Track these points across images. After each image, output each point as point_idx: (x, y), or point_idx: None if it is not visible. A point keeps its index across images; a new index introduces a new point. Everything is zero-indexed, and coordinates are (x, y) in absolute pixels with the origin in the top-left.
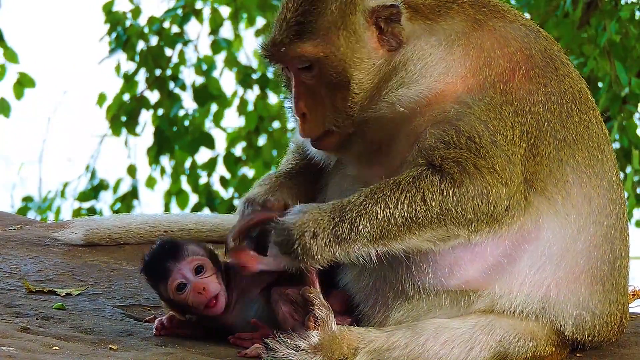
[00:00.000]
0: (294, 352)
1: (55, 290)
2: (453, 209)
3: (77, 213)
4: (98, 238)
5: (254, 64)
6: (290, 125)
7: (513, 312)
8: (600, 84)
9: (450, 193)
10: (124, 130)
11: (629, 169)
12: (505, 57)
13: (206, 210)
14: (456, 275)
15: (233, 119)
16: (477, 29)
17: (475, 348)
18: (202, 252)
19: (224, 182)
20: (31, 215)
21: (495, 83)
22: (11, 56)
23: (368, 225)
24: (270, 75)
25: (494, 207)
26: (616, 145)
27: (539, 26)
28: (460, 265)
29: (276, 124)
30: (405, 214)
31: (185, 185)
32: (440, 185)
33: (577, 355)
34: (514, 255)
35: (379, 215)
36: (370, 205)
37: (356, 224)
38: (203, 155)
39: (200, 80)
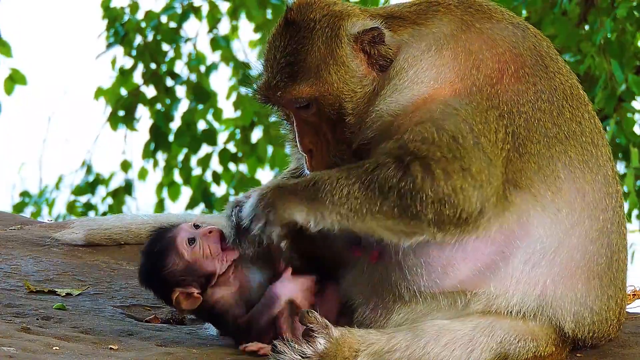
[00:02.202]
0: (299, 358)
1: (56, 290)
2: (412, 206)
3: (71, 206)
4: (98, 238)
5: (251, 58)
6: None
7: (510, 312)
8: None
9: (408, 194)
10: (122, 126)
11: (620, 167)
12: (493, 58)
13: (202, 206)
14: (450, 276)
15: (229, 113)
16: (465, 31)
17: (476, 350)
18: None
19: (216, 177)
20: (28, 209)
21: (482, 87)
22: (6, 50)
23: (329, 186)
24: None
25: (461, 211)
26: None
27: (533, 24)
28: (453, 265)
29: (273, 118)
30: (364, 193)
31: (177, 177)
32: (399, 184)
33: (578, 355)
34: (507, 253)
35: (339, 181)
36: (335, 172)
37: (320, 183)
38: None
39: (192, 76)
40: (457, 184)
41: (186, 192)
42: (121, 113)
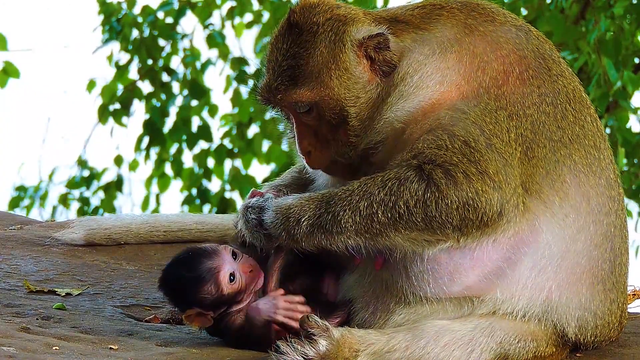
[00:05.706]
0: (302, 359)
1: (56, 290)
2: (438, 216)
3: (64, 198)
4: (98, 238)
5: (248, 54)
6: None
7: (515, 317)
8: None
9: (434, 203)
10: (112, 121)
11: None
12: (498, 61)
13: (197, 203)
14: (457, 282)
15: (225, 109)
16: (469, 34)
17: (476, 350)
18: (220, 243)
19: (207, 172)
20: (24, 204)
21: (489, 88)
22: (1, 44)
23: (350, 220)
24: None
25: (483, 214)
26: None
27: (531, 23)
28: (460, 272)
29: (269, 115)
30: (389, 215)
31: (168, 170)
32: (424, 196)
33: (577, 355)
34: (514, 259)
35: (362, 212)
36: (355, 200)
37: (339, 217)
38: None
39: (188, 72)
40: (478, 187)
41: (175, 185)
42: (117, 107)
